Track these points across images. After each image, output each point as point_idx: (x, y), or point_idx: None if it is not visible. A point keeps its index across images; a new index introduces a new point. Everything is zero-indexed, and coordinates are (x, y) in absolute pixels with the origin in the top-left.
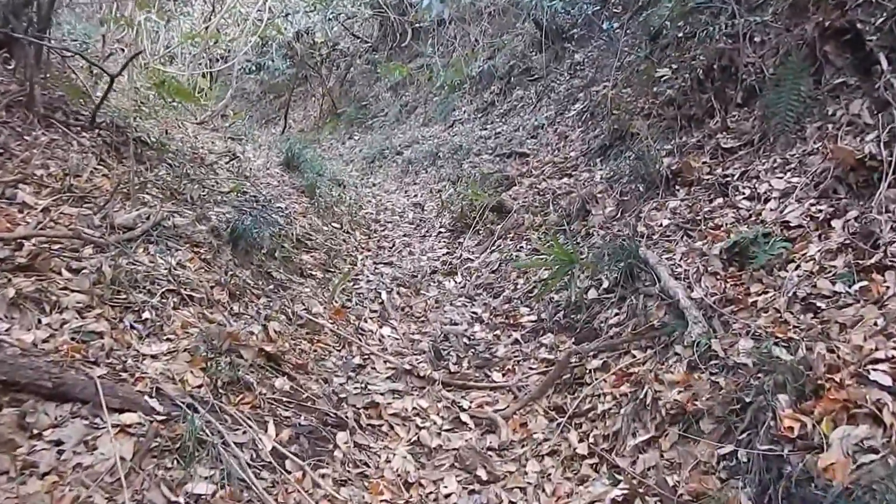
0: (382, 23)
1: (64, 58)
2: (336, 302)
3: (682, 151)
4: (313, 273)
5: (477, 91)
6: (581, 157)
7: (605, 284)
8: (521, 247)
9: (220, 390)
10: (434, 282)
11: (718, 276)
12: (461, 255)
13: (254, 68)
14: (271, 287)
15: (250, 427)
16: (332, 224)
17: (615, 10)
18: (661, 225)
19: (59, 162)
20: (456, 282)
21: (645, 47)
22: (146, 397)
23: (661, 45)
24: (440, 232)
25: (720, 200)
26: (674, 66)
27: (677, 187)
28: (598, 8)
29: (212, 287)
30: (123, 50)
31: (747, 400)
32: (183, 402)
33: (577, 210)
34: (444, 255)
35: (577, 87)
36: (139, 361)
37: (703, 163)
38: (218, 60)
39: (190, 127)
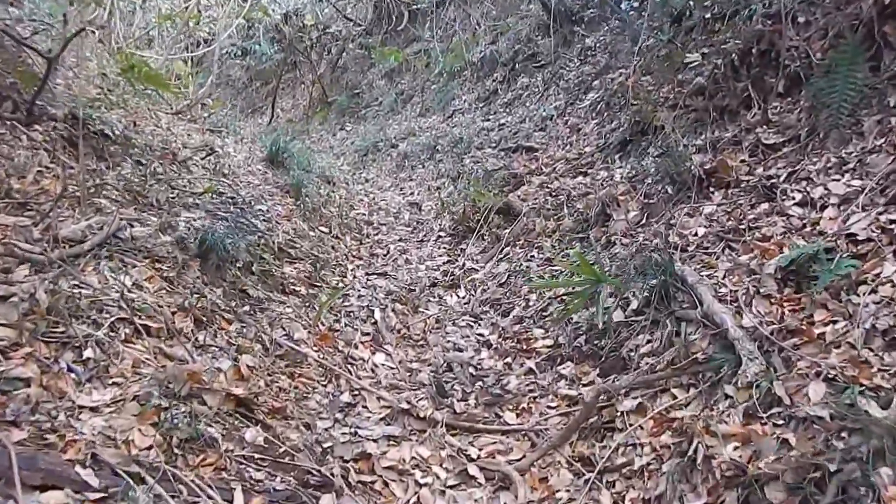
0: (377, 4)
1: (19, 42)
2: (322, 324)
3: (716, 148)
4: (297, 289)
5: (478, 78)
6: (597, 152)
7: (634, 304)
8: (533, 256)
9: (176, 451)
10: (434, 296)
11: (773, 300)
12: (464, 263)
13: (239, 53)
14: (246, 309)
15: (212, 499)
16: (320, 228)
17: None
18: (696, 234)
19: (2, 160)
20: (459, 296)
21: (667, 30)
22: (78, 468)
23: (686, 27)
24: (440, 236)
25: (765, 206)
26: (703, 51)
27: (712, 189)
28: None
29: (174, 313)
30: (94, 32)
31: (831, 468)
32: (126, 472)
33: (597, 214)
34: (444, 263)
35: (589, 74)
36: (74, 417)
37: (742, 161)
38: (199, 44)
39: (164, 118)
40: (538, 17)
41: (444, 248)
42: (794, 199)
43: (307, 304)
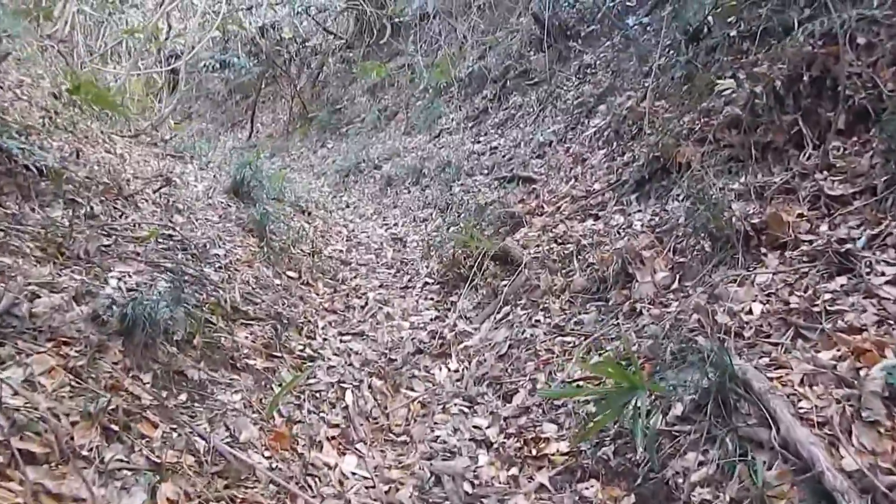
0: (358, 17)
1: None
2: (279, 415)
3: (762, 196)
4: (251, 362)
5: (466, 95)
6: (608, 190)
7: (678, 409)
8: (538, 321)
9: None
10: (419, 368)
11: (883, 431)
12: (455, 323)
13: (217, 66)
14: (182, 399)
15: None
16: (287, 274)
17: (629, 3)
18: (750, 312)
19: None
20: (449, 370)
21: (685, 49)
22: None
23: (707, 46)
24: (426, 283)
25: (843, 281)
26: (735, 76)
27: (764, 251)
28: None
29: (74, 423)
30: (54, 46)
31: None
32: None
33: (615, 273)
34: (432, 320)
35: (591, 95)
36: None
37: (800, 216)
38: (171, 59)
39: (119, 142)
40: (530, 31)
41: (432, 299)
42: (882, 274)
43: (262, 383)
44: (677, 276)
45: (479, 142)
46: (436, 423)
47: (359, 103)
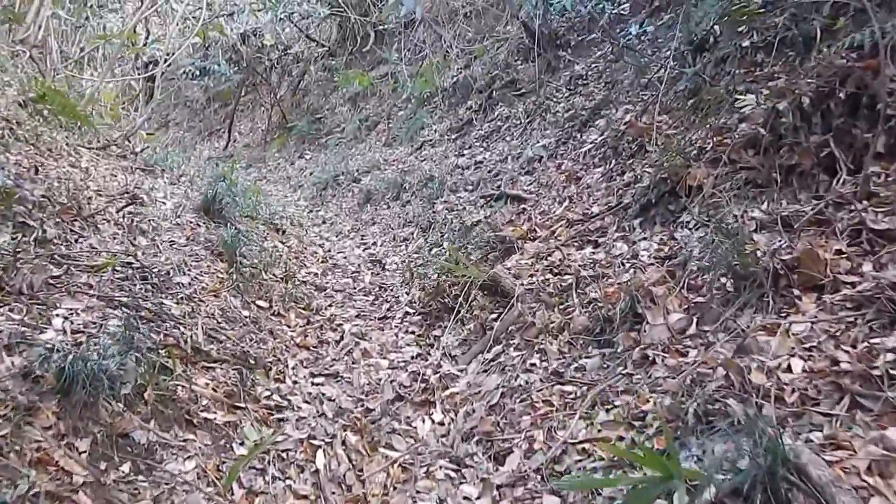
0: (341, 24)
1: None
2: (237, 488)
3: (791, 227)
4: (210, 416)
5: (450, 106)
6: (609, 214)
7: (710, 493)
8: (534, 365)
9: None
10: (400, 420)
11: None
12: (440, 363)
13: (197, 73)
14: (123, 473)
15: None
16: (257, 304)
17: (622, 12)
18: (788, 369)
19: None
20: (433, 421)
21: (691, 60)
22: None
23: (716, 57)
24: (407, 313)
25: None
26: (756, 91)
27: (797, 292)
28: (606, 4)
29: None
30: (26, 52)
31: None
32: None
33: (622, 312)
34: (413, 358)
35: (584, 108)
36: None
37: (839, 253)
38: (148, 65)
39: (85, 155)
40: (517, 39)
41: (413, 332)
42: None
43: (222, 443)
44: (694, 319)
45: (463, 155)
46: (418, 493)
47: (339, 113)
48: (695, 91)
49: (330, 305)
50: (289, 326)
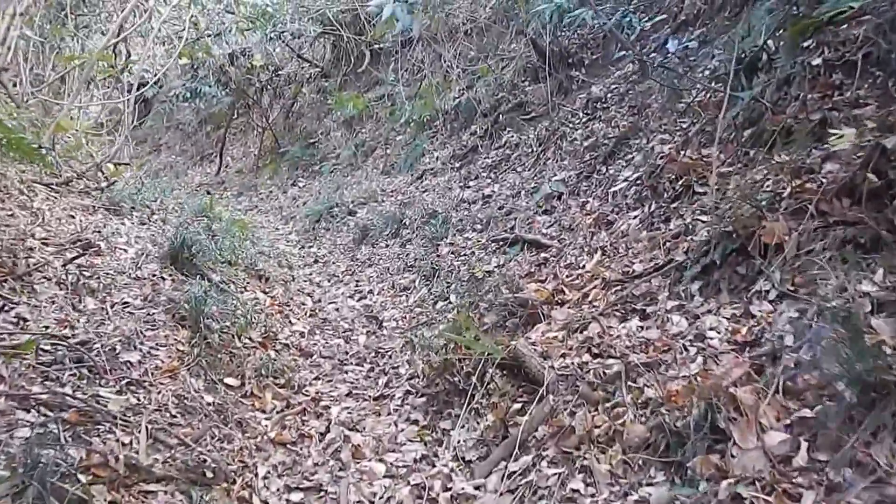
0: (335, 43)
1: None
2: None
3: None
4: None
5: (452, 131)
6: (656, 274)
7: None
8: (576, 490)
9: None
10: None
11: None
12: (450, 472)
13: (188, 95)
14: None
15: None
16: (226, 382)
17: (644, 28)
18: None
19: None
20: None
21: (745, 81)
22: None
23: (778, 79)
24: (409, 391)
25: None
26: (867, 126)
27: None
28: (633, 18)
29: None
30: None
31: None
32: None
33: (696, 422)
34: (417, 462)
35: (606, 136)
36: None
37: None
38: (131, 89)
39: (41, 194)
40: (524, 58)
41: (416, 421)
42: None
43: None
44: (802, 442)
45: (468, 187)
46: None
47: (334, 138)
48: (752, 120)
49: (316, 379)
50: (263, 412)
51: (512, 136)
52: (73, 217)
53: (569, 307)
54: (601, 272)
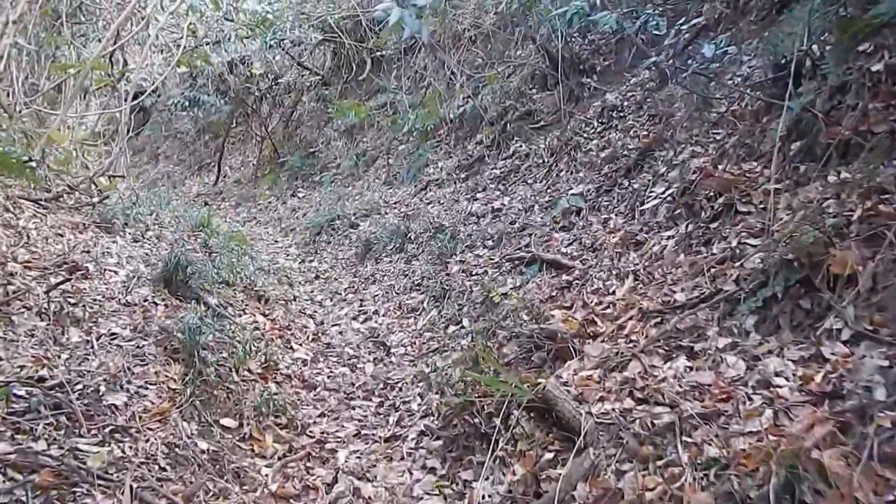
0: (336, 51)
1: None
2: None
3: None
4: None
5: (457, 140)
6: (702, 305)
7: None
8: None
9: None
10: None
11: None
12: None
13: (187, 104)
14: None
15: None
16: (222, 424)
17: (657, 32)
18: None
19: None
20: None
21: (792, 88)
22: None
23: (830, 86)
24: (424, 432)
25: None
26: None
27: None
28: (661, 22)
29: None
30: None
31: None
32: None
33: (776, 494)
34: None
35: (626, 146)
36: None
37: None
38: (127, 98)
39: (28, 211)
40: (533, 65)
41: (433, 469)
42: None
43: None
44: None
45: (476, 199)
46: None
47: (334, 147)
48: (802, 132)
49: (321, 416)
50: (263, 458)
51: (521, 146)
52: (61, 235)
53: (603, 341)
54: (636, 301)
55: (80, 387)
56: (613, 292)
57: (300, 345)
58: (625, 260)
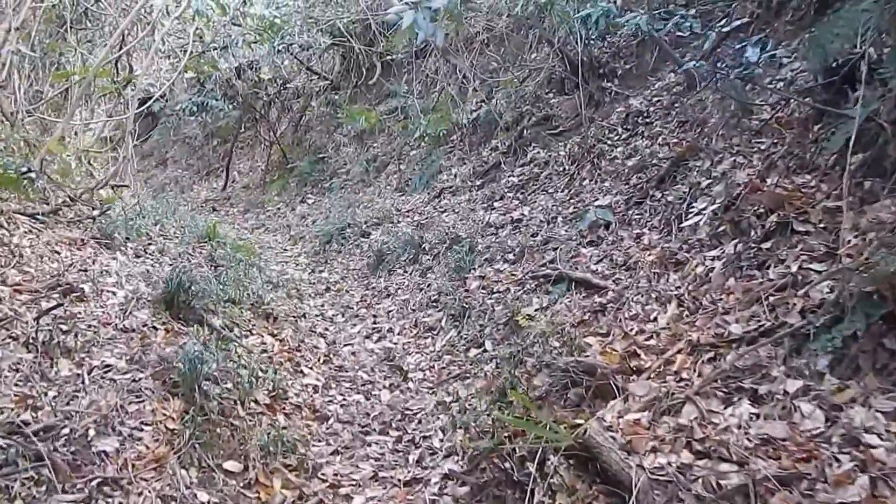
0: (345, 55)
1: None
2: None
3: None
4: None
5: (471, 146)
6: (765, 342)
7: None
8: None
9: None
10: None
11: None
12: None
13: (195, 109)
14: None
15: None
16: (225, 468)
17: (679, 34)
18: None
19: None
20: None
21: (850, 95)
22: None
23: (891, 91)
24: (448, 476)
25: None
26: None
27: None
28: (695, 23)
29: None
30: None
31: None
32: None
33: None
34: None
35: (655, 155)
36: None
37: None
38: (136, 104)
39: (22, 226)
40: (550, 68)
41: None
42: None
43: None
44: None
45: (494, 209)
46: None
47: (344, 152)
48: (865, 143)
49: (333, 453)
50: None
51: (539, 153)
52: (57, 253)
53: (649, 378)
54: (684, 331)
55: (66, 431)
56: (655, 319)
57: (311, 368)
58: (664, 282)
